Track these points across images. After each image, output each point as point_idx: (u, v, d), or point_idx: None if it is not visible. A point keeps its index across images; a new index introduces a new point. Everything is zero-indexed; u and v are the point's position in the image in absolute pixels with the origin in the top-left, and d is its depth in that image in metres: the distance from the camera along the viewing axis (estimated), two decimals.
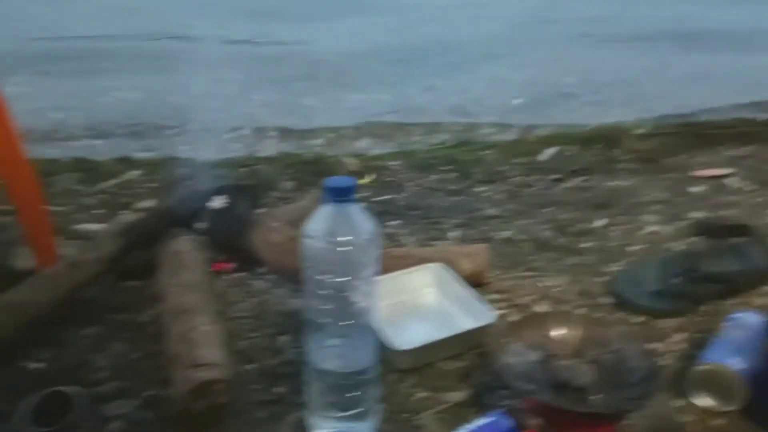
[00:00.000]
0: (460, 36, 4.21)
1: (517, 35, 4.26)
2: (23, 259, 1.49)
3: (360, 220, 0.98)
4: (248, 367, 1.23)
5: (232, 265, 1.52)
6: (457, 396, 1.15)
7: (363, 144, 2.82)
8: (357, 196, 0.98)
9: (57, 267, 1.33)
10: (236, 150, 2.46)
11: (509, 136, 2.76)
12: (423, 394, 1.16)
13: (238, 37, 4.01)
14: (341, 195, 0.97)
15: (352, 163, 2.27)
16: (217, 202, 1.50)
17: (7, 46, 3.54)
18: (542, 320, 1.17)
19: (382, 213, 1.83)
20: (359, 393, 1.04)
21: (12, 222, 1.78)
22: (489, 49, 4.08)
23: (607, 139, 2.39)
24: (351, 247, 0.96)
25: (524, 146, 2.41)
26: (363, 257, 0.98)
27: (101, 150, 2.59)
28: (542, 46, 4.08)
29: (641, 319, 1.36)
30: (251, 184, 1.65)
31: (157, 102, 3.09)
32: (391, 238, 1.71)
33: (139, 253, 1.47)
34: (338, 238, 0.96)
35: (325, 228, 0.96)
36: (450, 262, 1.39)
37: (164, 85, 3.22)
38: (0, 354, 1.22)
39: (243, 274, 1.51)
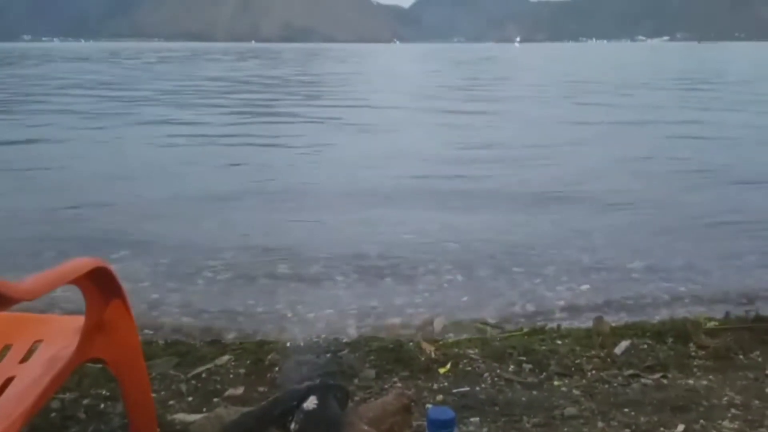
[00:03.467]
0: (526, 235, 4.42)
1: (584, 225, 4.44)
2: None
3: None
4: None
5: None
6: None
7: (438, 325, 2.91)
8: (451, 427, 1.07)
9: None
10: (320, 330, 2.59)
11: (580, 323, 2.82)
12: None
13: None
14: (442, 427, 1.06)
15: (429, 349, 2.34)
16: (309, 404, 1.59)
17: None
18: None
19: (462, 407, 1.88)
20: None
21: (112, 409, 1.92)
22: (556, 230, 4.25)
23: (678, 332, 2.41)
24: None
25: (597, 337, 2.45)
26: None
27: (193, 327, 2.77)
28: (610, 232, 4.22)
29: None
30: (339, 384, 1.75)
31: (246, 282, 3.31)
32: None
33: None
34: None
35: None
36: None
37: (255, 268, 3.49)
38: None
39: None
